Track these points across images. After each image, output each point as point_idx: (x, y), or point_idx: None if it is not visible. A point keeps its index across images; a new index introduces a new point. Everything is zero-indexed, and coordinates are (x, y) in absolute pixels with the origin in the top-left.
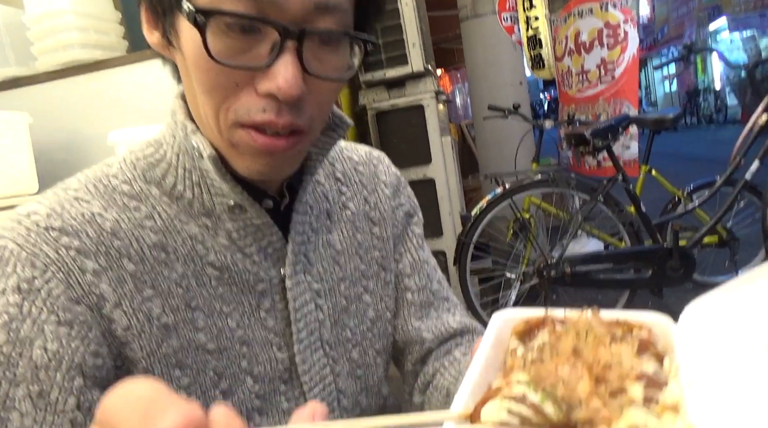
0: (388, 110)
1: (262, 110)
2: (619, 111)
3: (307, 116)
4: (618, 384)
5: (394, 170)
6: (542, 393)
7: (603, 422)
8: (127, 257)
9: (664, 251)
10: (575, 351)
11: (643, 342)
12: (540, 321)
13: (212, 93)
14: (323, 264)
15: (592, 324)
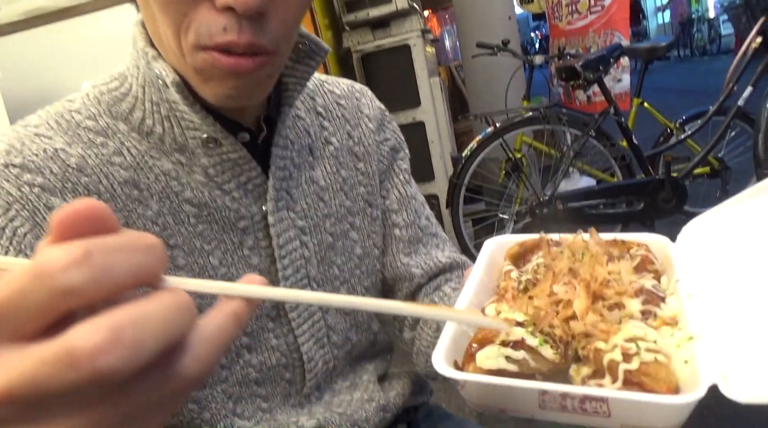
0: (373, 51)
1: (222, 29)
2: (609, 42)
3: (272, 34)
4: (616, 300)
5: (378, 104)
6: (540, 336)
7: (601, 336)
8: (96, 193)
9: (656, 182)
10: (571, 270)
11: (641, 259)
12: (535, 244)
13: (168, 9)
14: (307, 201)
15: (589, 245)
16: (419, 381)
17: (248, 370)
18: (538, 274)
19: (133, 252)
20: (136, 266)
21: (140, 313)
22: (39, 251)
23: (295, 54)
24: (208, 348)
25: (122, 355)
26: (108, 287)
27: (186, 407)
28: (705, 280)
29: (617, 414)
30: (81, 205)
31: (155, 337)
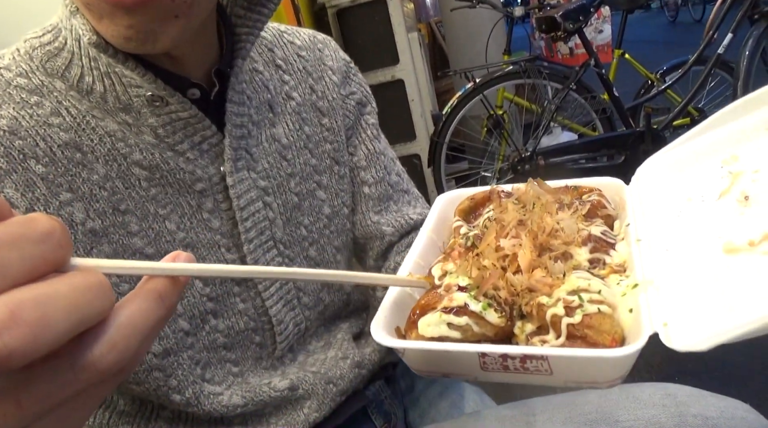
0: (348, 6)
1: None
2: None
3: None
4: (563, 250)
5: (342, 55)
6: (484, 300)
7: (544, 290)
8: (33, 157)
9: (637, 135)
10: (521, 222)
11: (593, 205)
12: (485, 197)
13: None
14: (269, 160)
15: (539, 194)
16: None
17: (215, 335)
18: (487, 229)
19: (26, 244)
20: (33, 259)
21: (44, 292)
22: None
23: (247, 1)
24: (126, 333)
25: (22, 336)
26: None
27: (151, 375)
28: (655, 224)
29: (559, 372)
30: None
31: (62, 318)
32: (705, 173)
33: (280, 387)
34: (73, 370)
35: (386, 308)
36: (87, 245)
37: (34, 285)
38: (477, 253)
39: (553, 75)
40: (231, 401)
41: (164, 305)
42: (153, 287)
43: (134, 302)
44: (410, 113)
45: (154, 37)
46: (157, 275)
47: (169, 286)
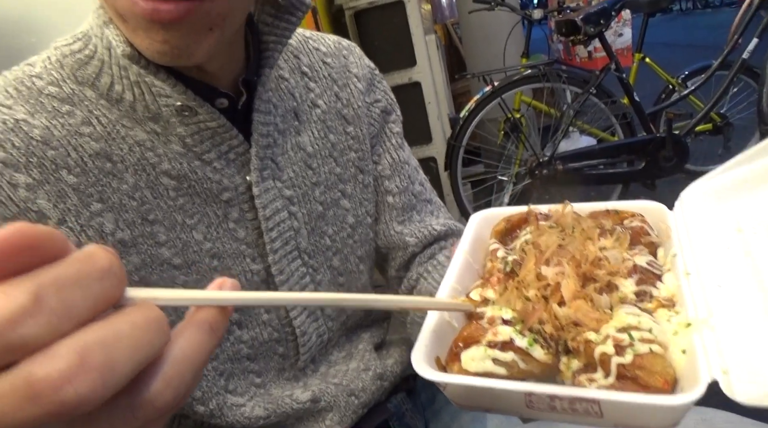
0: (366, 8)
1: None
2: None
3: None
4: (608, 281)
5: (367, 62)
6: (530, 335)
7: (591, 325)
8: (65, 168)
9: (658, 140)
10: (560, 247)
11: (635, 232)
12: (522, 219)
13: None
14: (294, 169)
15: (579, 218)
16: None
17: (239, 346)
18: (525, 253)
19: (89, 282)
20: (95, 297)
21: (109, 333)
22: None
23: (275, 9)
24: (182, 369)
25: (91, 382)
26: (67, 330)
27: None
28: (704, 255)
29: (610, 415)
30: (11, 234)
31: (126, 359)
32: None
33: (302, 398)
34: (132, 410)
35: (426, 338)
36: None
37: (97, 326)
38: (518, 282)
39: (573, 79)
40: (253, 413)
41: (215, 336)
42: (204, 317)
43: (186, 334)
44: (427, 116)
45: (188, 52)
46: (208, 305)
47: (219, 315)
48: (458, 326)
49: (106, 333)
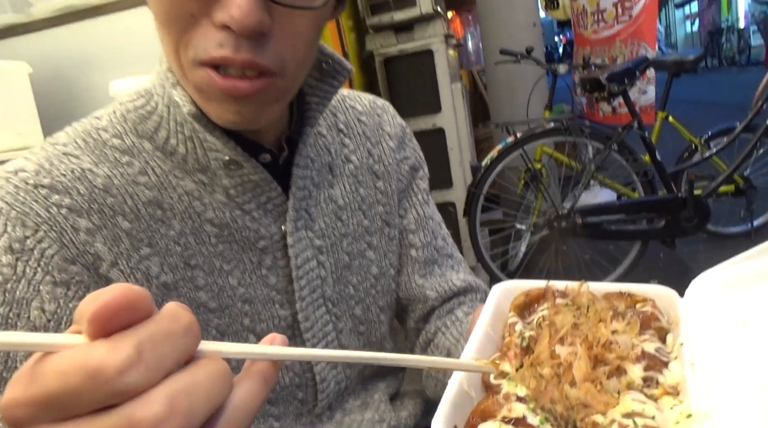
0: (396, 55)
1: (218, 44)
2: (636, 53)
3: (275, 54)
4: (617, 365)
5: (399, 121)
6: (542, 414)
7: (599, 407)
8: (121, 214)
9: (679, 200)
10: (575, 326)
11: (646, 317)
12: (540, 294)
13: (169, 25)
14: (325, 220)
15: (594, 298)
16: (431, 400)
17: None
18: (541, 329)
19: (176, 338)
20: (181, 351)
21: (190, 382)
22: (86, 345)
23: (319, 73)
24: (239, 416)
25: (178, 425)
26: (159, 378)
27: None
28: (710, 347)
29: None
30: (118, 295)
31: (203, 406)
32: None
33: None
34: None
35: (447, 405)
36: (158, 298)
37: (181, 375)
38: (533, 359)
39: (595, 134)
40: None
41: (267, 386)
42: (259, 369)
43: (244, 385)
44: (449, 161)
45: (256, 120)
46: (265, 359)
47: (271, 368)
48: (476, 397)
49: (189, 382)
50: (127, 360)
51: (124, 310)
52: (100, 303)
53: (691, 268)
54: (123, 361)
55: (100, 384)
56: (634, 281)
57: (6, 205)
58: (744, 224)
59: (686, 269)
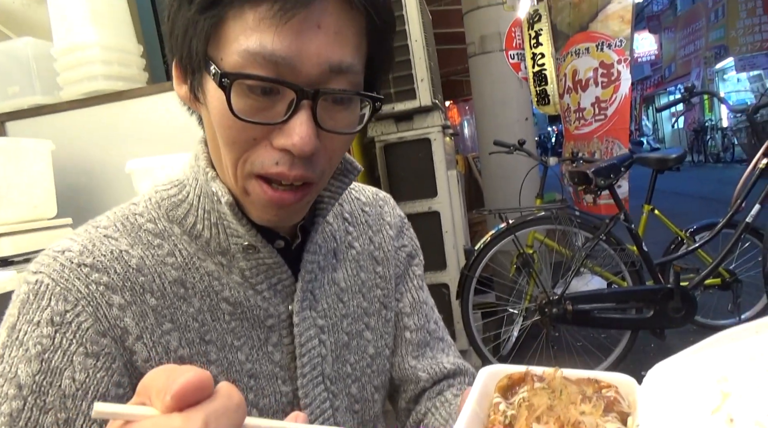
0: (395, 142)
1: (275, 162)
2: (611, 149)
3: (319, 168)
4: None
5: (399, 212)
6: None
7: None
8: (149, 292)
9: (666, 291)
10: (549, 407)
11: (609, 401)
12: (521, 378)
13: (233, 147)
14: (328, 301)
15: (566, 383)
16: None
17: None
18: (522, 408)
19: (231, 413)
20: (234, 424)
21: None
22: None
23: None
24: None
25: None
26: None
27: None
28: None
29: None
30: (193, 378)
31: None
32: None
33: None
34: None
35: None
36: None
37: None
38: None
39: (584, 224)
40: None
41: None
42: None
43: None
44: (443, 244)
45: (291, 220)
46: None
47: None
48: None
49: None
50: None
51: (198, 390)
52: (182, 384)
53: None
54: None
55: None
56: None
57: (52, 281)
58: (732, 317)
59: None
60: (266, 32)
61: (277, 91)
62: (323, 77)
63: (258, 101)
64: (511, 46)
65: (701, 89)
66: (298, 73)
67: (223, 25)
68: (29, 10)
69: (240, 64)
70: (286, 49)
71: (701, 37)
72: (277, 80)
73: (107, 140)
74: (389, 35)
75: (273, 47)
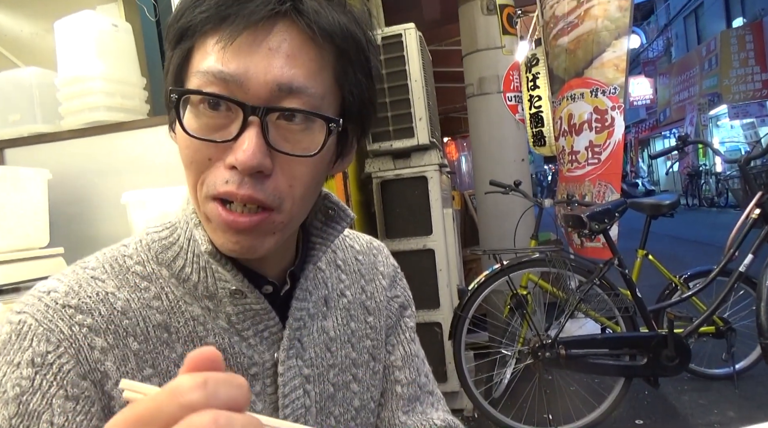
0: (392, 179)
1: (225, 181)
2: (603, 193)
3: (273, 192)
4: None
5: (392, 261)
6: None
7: None
8: (133, 335)
9: (660, 338)
10: None
11: None
12: None
13: (191, 167)
14: (315, 350)
15: None
16: None
17: None
18: None
19: (231, 386)
20: (232, 395)
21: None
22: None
23: (324, 217)
24: None
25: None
26: (214, 406)
27: None
28: None
29: None
30: (207, 351)
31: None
32: None
33: None
34: None
35: None
36: None
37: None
38: None
39: (578, 267)
40: None
41: None
42: None
43: None
44: (437, 282)
45: (254, 250)
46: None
47: None
48: None
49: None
50: (195, 383)
51: (209, 360)
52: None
53: (676, 408)
54: (193, 383)
55: (175, 396)
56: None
57: (35, 321)
58: (727, 366)
59: (671, 410)
60: (218, 53)
61: (230, 109)
62: (273, 96)
63: (212, 121)
64: (509, 88)
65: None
66: (247, 90)
67: (191, 57)
68: (37, 38)
69: (196, 85)
70: (234, 68)
71: (695, 84)
72: (221, 96)
73: (105, 170)
74: (359, 68)
75: (222, 67)
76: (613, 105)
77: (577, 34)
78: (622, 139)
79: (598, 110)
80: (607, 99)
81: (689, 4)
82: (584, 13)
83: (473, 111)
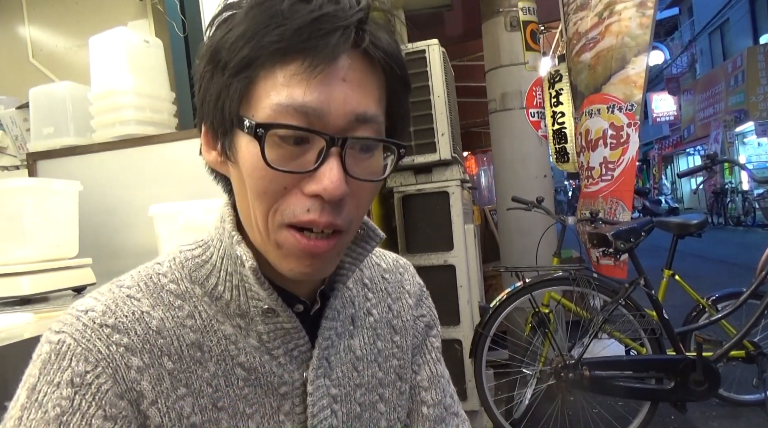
0: (414, 193)
1: (306, 209)
2: (614, 210)
3: (347, 215)
4: None
5: (418, 280)
6: None
7: None
8: (167, 355)
9: (688, 362)
10: None
11: None
12: None
13: (264, 198)
14: (342, 369)
15: None
16: None
17: None
18: None
19: None
20: None
21: None
22: None
23: (355, 237)
24: None
25: None
26: None
27: None
28: None
29: None
30: None
31: None
32: None
33: None
34: None
35: None
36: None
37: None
38: None
39: (602, 287)
40: None
41: None
42: None
43: None
44: (457, 299)
45: (324, 271)
46: None
47: None
48: None
49: None
50: None
51: None
52: None
53: None
54: None
55: None
56: None
57: (74, 341)
58: (758, 392)
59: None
60: (296, 87)
61: (308, 140)
62: (350, 126)
63: (289, 151)
64: (532, 104)
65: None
66: (327, 122)
67: (254, 86)
68: (71, 53)
69: (272, 117)
70: (316, 101)
71: (720, 100)
72: (308, 129)
73: (133, 183)
74: (405, 89)
75: (304, 99)
76: (629, 122)
77: (598, 50)
78: (635, 156)
79: (614, 127)
80: (624, 115)
81: (714, 20)
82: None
83: (496, 126)
